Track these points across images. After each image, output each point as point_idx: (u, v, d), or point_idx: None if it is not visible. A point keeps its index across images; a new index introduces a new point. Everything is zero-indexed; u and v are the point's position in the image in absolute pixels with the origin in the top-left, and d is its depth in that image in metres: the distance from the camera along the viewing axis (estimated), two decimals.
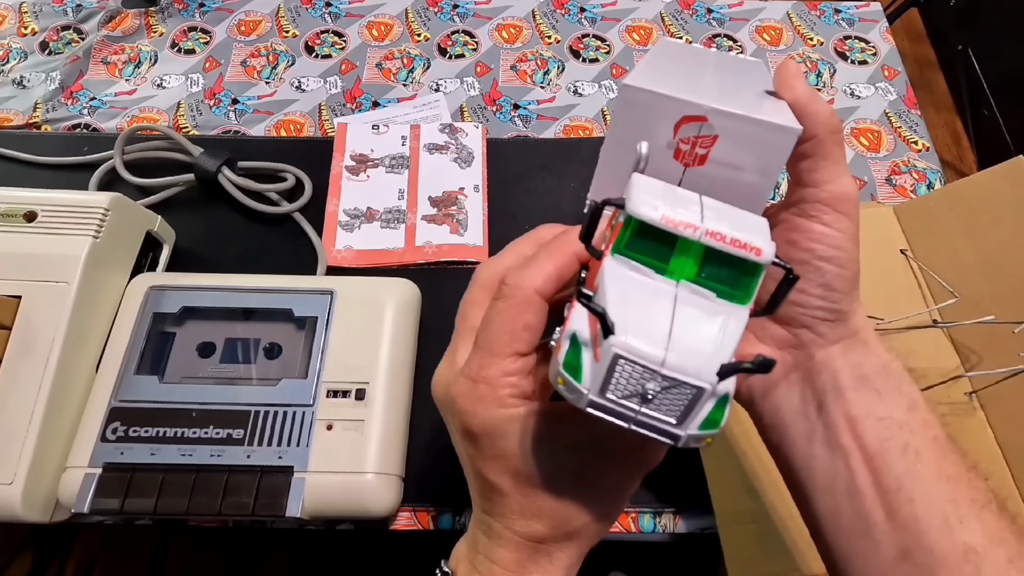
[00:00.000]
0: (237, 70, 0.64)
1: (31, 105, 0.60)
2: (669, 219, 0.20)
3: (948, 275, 0.48)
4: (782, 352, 0.30)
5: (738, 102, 0.25)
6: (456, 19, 0.69)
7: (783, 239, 0.28)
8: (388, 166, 0.56)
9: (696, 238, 0.20)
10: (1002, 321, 0.43)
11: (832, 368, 0.28)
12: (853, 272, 0.27)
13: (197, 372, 0.41)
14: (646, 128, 0.24)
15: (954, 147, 1.49)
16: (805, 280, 0.27)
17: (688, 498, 0.42)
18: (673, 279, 0.21)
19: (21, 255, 0.40)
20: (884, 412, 0.27)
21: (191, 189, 0.54)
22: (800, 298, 0.28)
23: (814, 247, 0.27)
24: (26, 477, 0.36)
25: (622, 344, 0.18)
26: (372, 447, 0.38)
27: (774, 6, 0.71)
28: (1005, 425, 0.44)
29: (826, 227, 0.27)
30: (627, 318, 0.19)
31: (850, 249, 0.27)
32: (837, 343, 0.29)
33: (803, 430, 0.29)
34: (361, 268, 0.51)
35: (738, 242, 0.20)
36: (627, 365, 0.19)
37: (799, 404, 0.29)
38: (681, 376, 0.18)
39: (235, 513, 0.36)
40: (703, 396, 0.19)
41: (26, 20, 0.67)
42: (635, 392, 0.19)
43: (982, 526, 0.25)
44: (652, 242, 0.21)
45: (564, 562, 0.27)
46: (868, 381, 0.28)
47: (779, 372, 0.30)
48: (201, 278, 0.44)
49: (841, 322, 0.28)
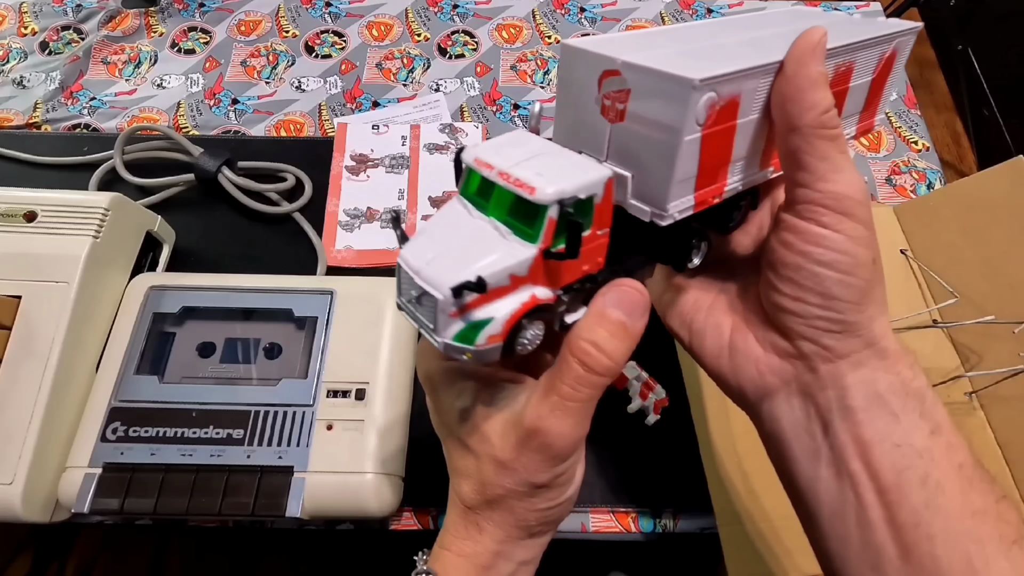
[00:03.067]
0: (237, 70, 0.64)
1: (31, 105, 0.60)
2: (479, 161, 0.23)
3: (948, 275, 0.48)
4: (781, 361, 0.27)
5: (660, 54, 0.23)
6: (456, 19, 0.69)
7: (779, 241, 0.26)
8: (388, 166, 0.56)
9: (491, 178, 0.23)
10: (1002, 321, 0.43)
11: (840, 384, 0.26)
12: (861, 279, 0.25)
13: (197, 372, 0.41)
14: (578, 85, 0.25)
15: (954, 147, 1.49)
16: (801, 287, 0.25)
17: (688, 498, 0.42)
18: (489, 216, 0.23)
19: (21, 255, 0.40)
20: (901, 438, 0.25)
21: (191, 189, 0.54)
22: (797, 306, 0.26)
23: (809, 250, 0.25)
24: (26, 477, 0.36)
25: (401, 255, 0.22)
26: (372, 447, 0.38)
27: (774, 6, 0.71)
28: (1005, 425, 0.44)
29: (824, 229, 0.25)
30: (420, 240, 0.23)
31: (856, 253, 0.24)
32: (846, 357, 0.26)
33: (806, 447, 0.27)
34: (361, 268, 0.51)
35: (518, 181, 0.22)
36: (402, 272, 0.22)
37: (802, 419, 0.27)
38: (424, 285, 0.21)
39: (235, 513, 0.36)
40: (439, 306, 0.21)
41: (26, 20, 0.67)
42: (411, 297, 0.22)
43: (1011, 565, 0.23)
44: (479, 184, 0.24)
45: (492, 535, 0.26)
46: (883, 401, 0.25)
47: (775, 379, 0.28)
48: (201, 278, 0.44)
49: (850, 334, 0.25)
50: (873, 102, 0.31)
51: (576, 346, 0.24)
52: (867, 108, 0.31)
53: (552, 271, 0.23)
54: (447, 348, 0.22)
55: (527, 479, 0.25)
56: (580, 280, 0.24)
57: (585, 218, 0.23)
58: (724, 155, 0.25)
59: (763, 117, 0.26)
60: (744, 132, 0.25)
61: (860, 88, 0.30)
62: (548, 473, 0.25)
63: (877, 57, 0.29)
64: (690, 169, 0.24)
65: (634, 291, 0.25)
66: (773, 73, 0.25)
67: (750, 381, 0.28)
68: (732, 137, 0.25)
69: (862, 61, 0.28)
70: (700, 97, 0.22)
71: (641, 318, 0.25)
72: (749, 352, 0.28)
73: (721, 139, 0.25)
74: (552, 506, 0.27)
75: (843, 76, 0.28)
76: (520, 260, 0.22)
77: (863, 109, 0.31)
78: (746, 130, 0.26)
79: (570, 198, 0.22)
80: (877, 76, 0.30)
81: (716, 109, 0.23)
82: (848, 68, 0.28)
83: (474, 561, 0.27)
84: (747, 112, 0.25)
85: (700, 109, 0.23)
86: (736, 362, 0.29)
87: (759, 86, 0.25)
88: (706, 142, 0.24)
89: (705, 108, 0.23)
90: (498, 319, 0.22)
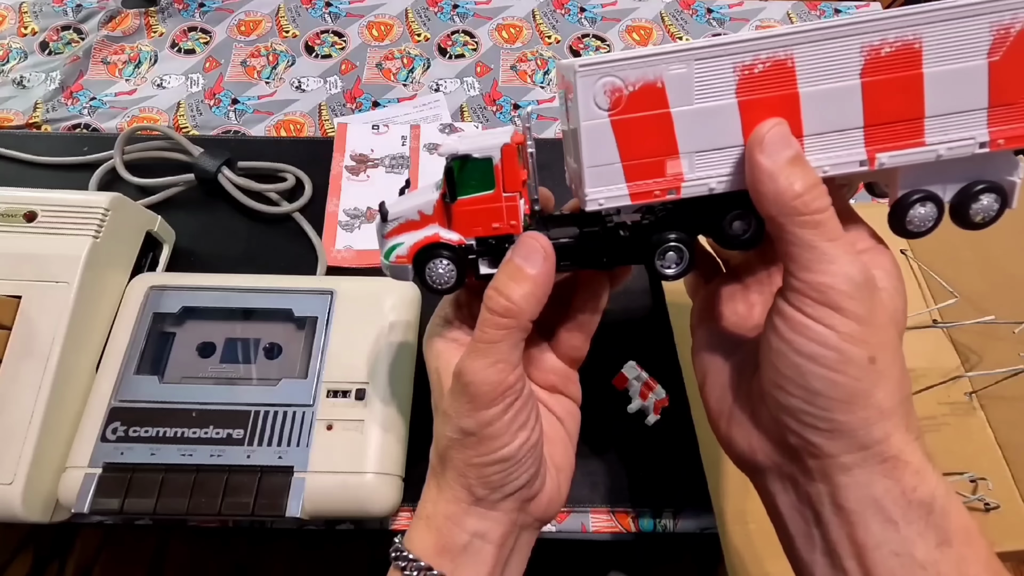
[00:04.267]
0: (237, 70, 0.64)
1: (31, 105, 0.60)
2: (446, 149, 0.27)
3: (948, 275, 0.48)
4: (772, 445, 0.26)
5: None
6: (456, 19, 0.69)
7: (770, 324, 0.25)
8: (388, 166, 0.56)
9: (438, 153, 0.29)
10: (1002, 321, 0.43)
11: (832, 481, 0.24)
12: (850, 377, 0.23)
13: (197, 372, 0.41)
14: (561, 98, 0.29)
15: None
16: (784, 377, 0.24)
17: (688, 498, 0.42)
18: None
19: (21, 255, 0.40)
20: (900, 547, 0.23)
21: (191, 189, 0.54)
22: (781, 396, 0.24)
23: (792, 339, 0.23)
24: (26, 477, 0.36)
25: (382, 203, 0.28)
26: (372, 447, 0.38)
27: (774, 6, 0.71)
28: (1005, 425, 0.44)
29: (808, 319, 0.23)
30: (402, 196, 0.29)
31: (844, 350, 0.23)
32: (835, 457, 0.24)
33: (801, 530, 0.26)
34: (361, 268, 0.51)
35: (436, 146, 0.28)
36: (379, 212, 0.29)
37: (795, 502, 0.26)
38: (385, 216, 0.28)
39: (235, 513, 0.36)
40: (376, 229, 0.29)
41: (26, 20, 0.67)
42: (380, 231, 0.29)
43: None
44: None
45: (445, 496, 0.28)
46: (880, 507, 0.23)
47: (765, 460, 0.27)
48: (201, 278, 0.44)
49: (839, 435, 0.23)
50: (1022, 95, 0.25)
51: (485, 294, 0.27)
52: (1012, 104, 0.25)
53: (462, 220, 0.27)
54: (382, 263, 0.29)
55: (457, 424, 0.27)
56: (497, 239, 0.28)
57: (484, 177, 0.26)
58: (662, 145, 0.25)
59: (731, 110, 0.24)
60: (697, 123, 0.25)
61: (960, 76, 0.24)
62: (472, 418, 0.26)
63: (988, 32, 0.23)
64: (607, 156, 0.25)
65: (531, 239, 0.27)
66: (695, 60, 0.24)
67: (743, 454, 0.28)
68: (668, 126, 0.25)
69: (940, 39, 0.24)
70: (591, 81, 0.24)
71: (537, 262, 0.26)
72: (745, 424, 0.28)
73: (647, 127, 0.25)
74: (485, 462, 0.27)
75: (894, 61, 0.24)
76: (426, 201, 0.27)
77: (998, 104, 0.25)
78: (700, 121, 0.25)
79: (457, 153, 0.26)
80: (1006, 59, 0.24)
81: (623, 95, 0.24)
82: (905, 50, 0.24)
83: (429, 524, 0.28)
84: (687, 101, 0.24)
85: (597, 93, 0.24)
86: (732, 430, 0.29)
87: (686, 74, 0.24)
88: (621, 128, 0.25)
89: (604, 92, 0.24)
90: (405, 244, 0.28)
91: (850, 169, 0.26)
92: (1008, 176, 0.26)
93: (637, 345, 0.46)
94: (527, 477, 0.28)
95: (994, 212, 0.27)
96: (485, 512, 0.27)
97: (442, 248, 0.27)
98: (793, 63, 0.24)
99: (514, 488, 0.27)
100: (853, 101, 0.24)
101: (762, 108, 0.24)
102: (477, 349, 0.26)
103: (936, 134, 0.25)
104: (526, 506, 0.29)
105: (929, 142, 0.25)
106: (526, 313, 0.26)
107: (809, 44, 0.24)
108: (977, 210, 0.27)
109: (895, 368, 0.24)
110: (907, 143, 0.25)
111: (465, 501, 0.27)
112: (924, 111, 0.25)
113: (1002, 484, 0.42)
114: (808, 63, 0.24)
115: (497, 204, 0.27)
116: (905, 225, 0.27)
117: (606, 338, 0.34)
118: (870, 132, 0.25)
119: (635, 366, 0.44)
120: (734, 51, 0.24)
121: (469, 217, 0.27)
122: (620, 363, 0.44)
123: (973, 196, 0.27)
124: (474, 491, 0.27)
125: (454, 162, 0.26)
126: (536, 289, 0.26)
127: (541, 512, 0.29)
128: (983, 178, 0.26)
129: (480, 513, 0.27)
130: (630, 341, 0.46)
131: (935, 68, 0.24)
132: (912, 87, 0.24)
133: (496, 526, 0.27)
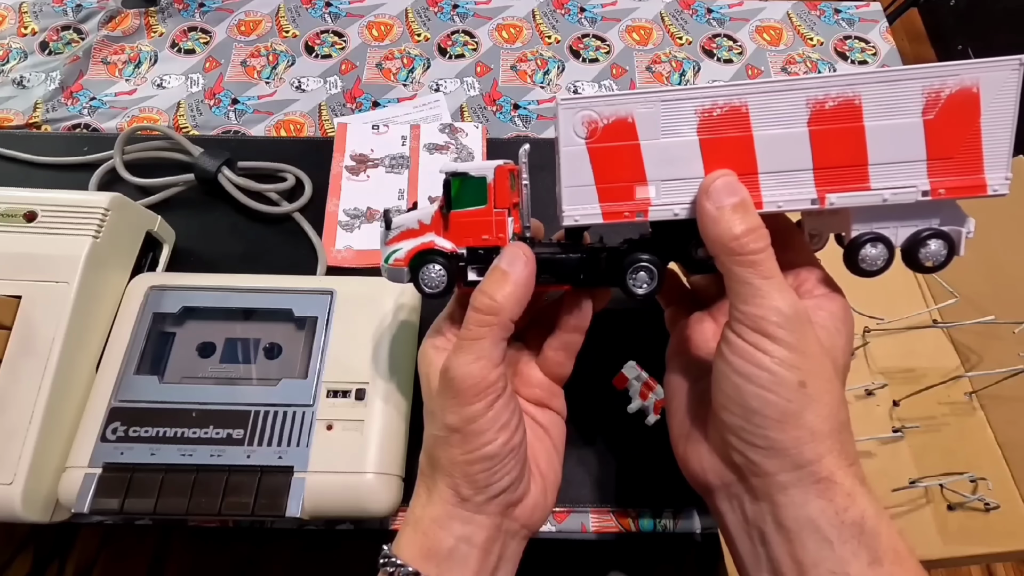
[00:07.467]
0: (237, 70, 0.64)
1: (31, 105, 0.60)
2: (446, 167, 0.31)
3: (948, 275, 0.47)
4: (722, 465, 0.28)
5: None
6: (456, 19, 0.69)
7: (718, 348, 0.27)
8: (388, 166, 0.56)
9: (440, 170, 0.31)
10: (1002, 321, 0.43)
11: (772, 500, 0.26)
12: (782, 398, 0.25)
13: (197, 372, 0.41)
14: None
15: None
16: (726, 396, 0.26)
17: (688, 498, 0.42)
18: None
19: (21, 255, 0.40)
20: (836, 566, 0.24)
21: (191, 189, 0.54)
22: (724, 414, 0.27)
23: (732, 360, 0.26)
24: (26, 477, 0.36)
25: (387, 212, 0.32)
26: (372, 447, 0.38)
27: (774, 6, 0.71)
28: (1005, 425, 0.44)
29: (745, 343, 0.26)
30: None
31: (776, 372, 0.25)
32: (772, 475, 0.26)
33: (748, 549, 0.27)
34: (361, 268, 0.51)
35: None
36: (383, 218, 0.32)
37: (742, 522, 0.28)
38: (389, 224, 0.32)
39: (235, 513, 0.36)
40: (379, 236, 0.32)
41: (26, 20, 0.67)
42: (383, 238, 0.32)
43: None
44: None
45: (432, 498, 0.29)
46: (815, 526, 0.25)
47: (715, 479, 0.28)
48: (201, 278, 0.44)
49: (775, 453, 0.25)
50: (957, 151, 0.27)
51: (471, 296, 0.29)
52: (949, 158, 0.27)
53: (456, 231, 0.30)
54: (382, 267, 0.32)
55: (443, 420, 0.28)
56: (485, 249, 0.30)
57: (478, 193, 0.30)
58: (632, 172, 0.29)
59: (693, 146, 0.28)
60: (663, 155, 0.28)
61: (896, 131, 0.27)
62: (456, 414, 0.27)
63: (919, 94, 0.27)
64: (582, 178, 0.29)
65: (515, 247, 0.29)
66: (660, 102, 0.27)
67: (696, 474, 0.30)
68: (637, 156, 0.28)
69: (876, 97, 0.27)
70: (570, 113, 0.28)
71: (518, 266, 0.28)
72: (699, 446, 0.30)
73: (619, 156, 0.28)
74: (470, 459, 0.27)
75: (837, 114, 0.27)
76: (426, 212, 0.31)
77: (936, 157, 0.27)
78: (666, 154, 0.28)
79: (456, 172, 0.30)
80: (939, 119, 0.27)
81: (599, 126, 0.28)
82: (847, 104, 0.27)
83: (416, 528, 0.28)
84: (653, 135, 0.28)
85: (576, 123, 0.28)
86: (688, 451, 0.31)
87: (653, 113, 0.28)
88: (596, 155, 0.28)
89: (582, 123, 0.28)
90: (403, 249, 0.31)
91: (803, 206, 0.28)
92: (956, 226, 0.29)
93: (637, 345, 0.46)
94: (510, 479, 0.28)
95: (942, 258, 0.29)
96: (470, 516, 0.28)
97: (436, 254, 0.31)
98: (747, 109, 0.27)
99: (498, 489, 0.28)
100: (802, 146, 0.27)
101: (721, 146, 0.28)
102: (462, 346, 0.28)
103: (881, 180, 0.28)
104: (511, 511, 0.29)
105: (874, 187, 0.28)
106: (507, 311, 0.28)
107: (761, 95, 0.27)
108: (926, 255, 0.29)
109: (828, 396, 0.26)
110: (854, 186, 0.28)
111: (451, 502, 0.28)
112: (868, 159, 0.28)
113: (1002, 484, 0.42)
114: (760, 110, 0.27)
115: (488, 218, 0.30)
116: (858, 263, 0.30)
117: (606, 338, 0.34)
118: (820, 174, 0.28)
119: (635, 366, 0.44)
120: (695, 96, 0.27)
121: (462, 228, 0.30)
122: (620, 363, 0.44)
123: (921, 241, 0.29)
124: (460, 491, 0.28)
125: (453, 179, 0.30)
126: (517, 290, 0.28)
127: (526, 519, 0.30)
128: (932, 226, 0.29)
129: (465, 516, 0.28)
130: (630, 341, 0.46)
131: (875, 122, 0.27)
132: (854, 137, 0.27)
133: (480, 530, 0.28)
